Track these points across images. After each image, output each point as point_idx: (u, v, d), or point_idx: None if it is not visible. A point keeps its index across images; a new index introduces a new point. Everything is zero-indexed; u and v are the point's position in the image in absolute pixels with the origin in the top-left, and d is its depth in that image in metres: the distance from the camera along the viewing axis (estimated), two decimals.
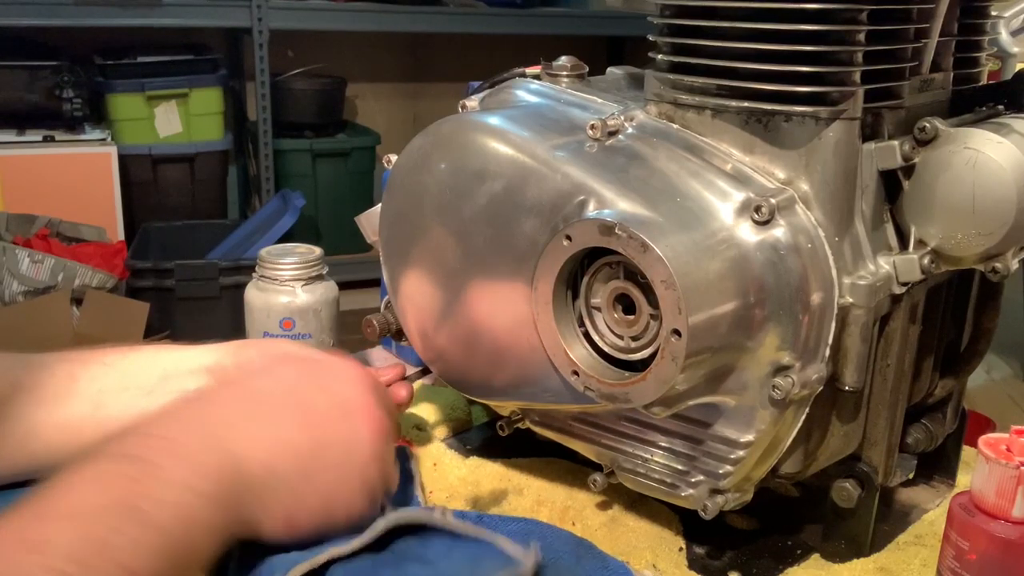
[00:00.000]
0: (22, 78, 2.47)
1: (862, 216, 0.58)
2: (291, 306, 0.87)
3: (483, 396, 0.71)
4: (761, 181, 0.57)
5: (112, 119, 2.60)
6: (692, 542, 0.67)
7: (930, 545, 0.67)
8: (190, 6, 2.55)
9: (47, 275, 2.13)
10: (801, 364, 0.56)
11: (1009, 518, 0.54)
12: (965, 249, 0.58)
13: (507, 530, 0.62)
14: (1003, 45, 1.32)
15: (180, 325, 2.15)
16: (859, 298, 0.57)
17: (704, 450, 0.60)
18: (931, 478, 0.75)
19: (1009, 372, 1.54)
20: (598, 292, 0.59)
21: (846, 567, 0.65)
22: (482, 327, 0.66)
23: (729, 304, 0.55)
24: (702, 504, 0.61)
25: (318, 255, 0.90)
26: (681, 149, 0.60)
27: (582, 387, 0.59)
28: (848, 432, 0.62)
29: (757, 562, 0.65)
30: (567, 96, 0.67)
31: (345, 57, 3.16)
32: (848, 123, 0.56)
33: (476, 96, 0.73)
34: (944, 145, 0.57)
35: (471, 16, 2.94)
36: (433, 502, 0.70)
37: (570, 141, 0.61)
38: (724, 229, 0.56)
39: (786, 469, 0.61)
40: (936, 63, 0.62)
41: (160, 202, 2.74)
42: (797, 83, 0.56)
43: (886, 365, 0.62)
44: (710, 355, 0.55)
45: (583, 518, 0.69)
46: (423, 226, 0.67)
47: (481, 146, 0.63)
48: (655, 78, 0.62)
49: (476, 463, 0.75)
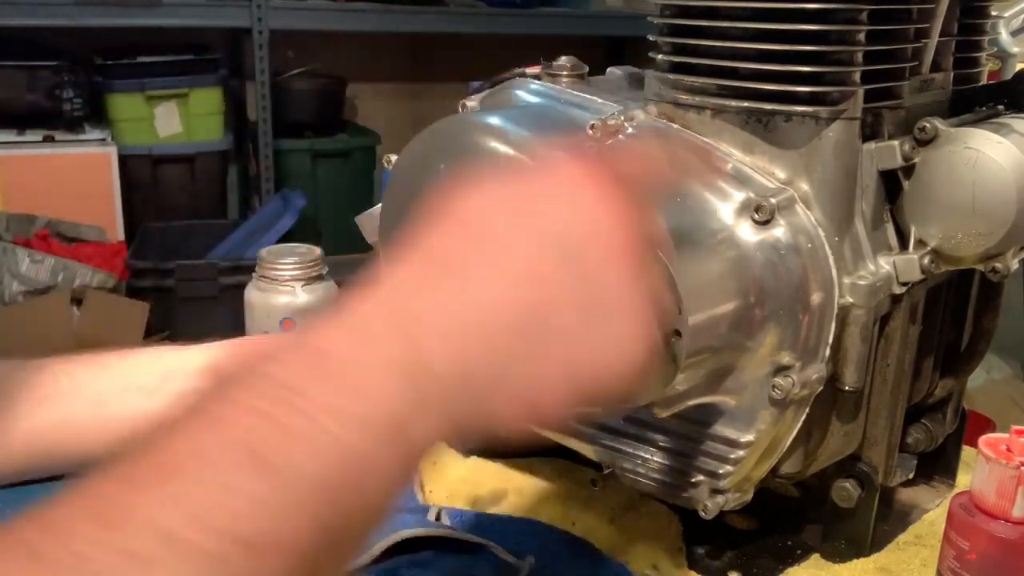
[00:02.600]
0: (22, 78, 2.47)
1: (862, 216, 0.58)
2: (291, 306, 0.87)
3: None
4: (761, 181, 0.57)
5: (112, 119, 2.60)
6: (692, 542, 0.67)
7: (930, 545, 0.67)
8: (190, 6, 2.55)
9: (47, 275, 2.13)
10: (801, 364, 0.56)
11: (1009, 518, 0.54)
12: (965, 249, 0.58)
13: (506, 530, 0.62)
14: (1003, 45, 1.32)
15: (180, 325, 2.15)
16: (859, 298, 0.57)
17: (704, 450, 0.60)
18: (931, 478, 0.75)
19: (1009, 372, 1.55)
20: None
21: (846, 567, 0.65)
22: None
23: (729, 304, 0.54)
24: (702, 504, 0.61)
25: (318, 255, 0.90)
26: (681, 149, 0.60)
27: None
28: (848, 432, 0.62)
29: (757, 562, 0.65)
30: (567, 96, 0.67)
31: (345, 57, 3.16)
32: (848, 123, 0.56)
33: (476, 96, 0.72)
34: (944, 145, 0.57)
35: (471, 16, 2.94)
36: (433, 502, 0.70)
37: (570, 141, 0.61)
38: (724, 229, 0.56)
39: (786, 469, 0.61)
40: (936, 63, 0.62)
41: (160, 202, 2.74)
42: (797, 83, 0.56)
43: (886, 365, 0.62)
44: (710, 355, 0.55)
45: (583, 518, 0.69)
46: None
47: (481, 146, 0.63)
48: (655, 78, 0.62)
49: (476, 463, 0.75)
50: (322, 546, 0.32)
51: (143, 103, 2.62)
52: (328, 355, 0.35)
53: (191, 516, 0.30)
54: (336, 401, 0.34)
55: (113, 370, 0.69)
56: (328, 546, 0.32)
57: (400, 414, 0.35)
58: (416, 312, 0.37)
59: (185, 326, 2.16)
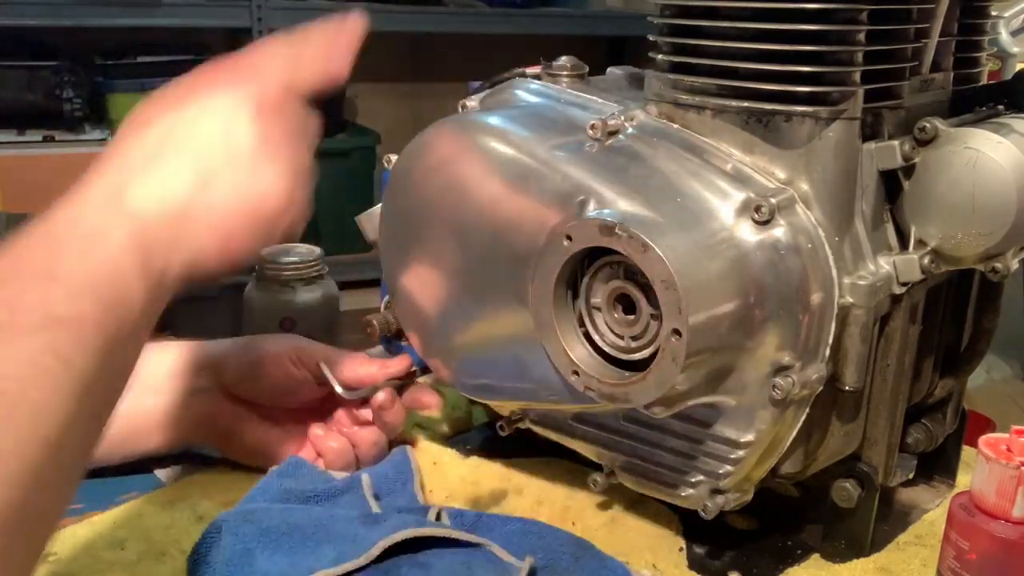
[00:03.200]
0: (22, 78, 2.47)
1: (862, 216, 0.58)
2: (291, 306, 0.87)
3: (483, 396, 0.71)
4: (761, 181, 0.57)
5: (112, 119, 2.60)
6: (692, 542, 0.67)
7: (930, 545, 0.67)
8: (190, 6, 2.55)
9: None
10: (801, 364, 0.56)
11: (1009, 518, 0.54)
12: (965, 249, 0.58)
13: (506, 530, 0.62)
14: (1003, 45, 1.32)
15: (180, 325, 2.14)
16: (859, 298, 0.57)
17: (704, 450, 0.60)
18: (931, 478, 0.75)
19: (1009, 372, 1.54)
20: (598, 292, 0.59)
21: (846, 567, 0.65)
22: (482, 327, 0.66)
23: (729, 304, 0.55)
24: (702, 504, 0.61)
25: (318, 255, 0.90)
26: (681, 149, 0.60)
27: (582, 387, 0.59)
28: (848, 432, 0.62)
29: (757, 562, 0.65)
30: (567, 96, 0.67)
31: None
32: (848, 123, 0.56)
33: (476, 96, 0.73)
34: (944, 145, 0.57)
35: (471, 16, 2.94)
36: (432, 502, 0.70)
37: (570, 141, 0.61)
38: (724, 229, 0.56)
39: (786, 469, 0.61)
40: (936, 63, 0.62)
41: None
42: (797, 83, 0.56)
43: (886, 365, 0.62)
44: (710, 355, 0.55)
45: (583, 518, 0.69)
46: (423, 226, 0.67)
47: (481, 146, 0.63)
48: (655, 78, 0.62)
49: (476, 463, 0.75)
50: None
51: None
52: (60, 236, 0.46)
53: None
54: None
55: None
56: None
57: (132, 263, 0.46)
58: (123, 185, 0.49)
59: (185, 326, 2.15)
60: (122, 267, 0.46)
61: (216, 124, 0.52)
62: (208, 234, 0.50)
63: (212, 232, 0.50)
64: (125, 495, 0.70)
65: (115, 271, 0.45)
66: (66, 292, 0.43)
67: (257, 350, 0.72)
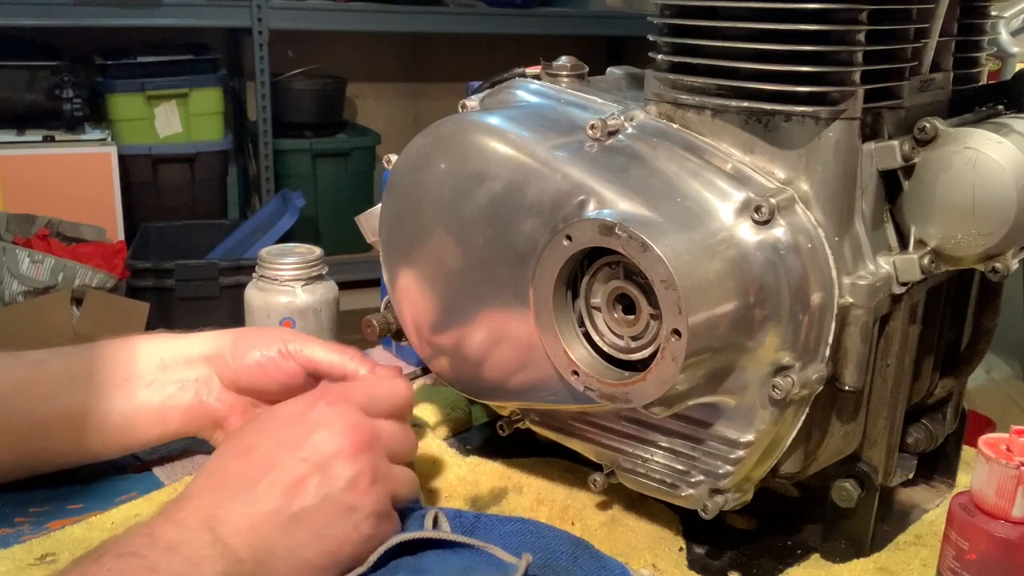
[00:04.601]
0: (22, 78, 2.47)
1: (862, 216, 0.58)
2: (291, 306, 0.87)
3: (483, 396, 0.71)
4: (761, 181, 0.57)
5: (112, 119, 2.60)
6: (692, 542, 0.67)
7: (930, 545, 0.67)
8: (190, 6, 2.56)
9: (47, 275, 2.13)
10: (801, 364, 0.56)
11: (1009, 518, 0.54)
12: (965, 249, 0.58)
13: (505, 530, 0.62)
14: (1003, 45, 1.32)
15: (180, 325, 2.14)
16: (859, 298, 0.57)
17: (704, 450, 0.60)
18: (931, 478, 0.75)
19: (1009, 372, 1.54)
20: (598, 292, 0.59)
21: (846, 567, 0.65)
22: (482, 327, 0.66)
23: (729, 304, 0.55)
24: (702, 504, 0.61)
25: (318, 255, 0.90)
26: (681, 149, 0.60)
27: (582, 387, 0.59)
28: (848, 432, 0.62)
29: (757, 562, 0.65)
30: (567, 96, 0.67)
31: (345, 57, 3.16)
32: (848, 123, 0.56)
33: (476, 96, 0.73)
34: (944, 145, 0.57)
35: (471, 16, 2.94)
36: (433, 502, 0.70)
37: (570, 141, 0.61)
38: (724, 229, 0.56)
39: (786, 469, 0.61)
40: (936, 63, 0.62)
41: (160, 202, 2.74)
42: (797, 83, 0.56)
43: (886, 365, 0.62)
44: (710, 355, 0.55)
45: (583, 518, 0.69)
46: (423, 226, 0.67)
47: (481, 146, 0.63)
48: (655, 78, 0.62)
49: (476, 462, 0.75)
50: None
51: (143, 103, 2.62)
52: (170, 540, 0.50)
53: None
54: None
55: (112, 360, 0.69)
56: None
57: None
58: (220, 515, 0.52)
59: (185, 326, 2.15)
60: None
61: (313, 463, 0.55)
62: (285, 573, 0.53)
63: (289, 572, 0.53)
64: (125, 495, 0.70)
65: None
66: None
67: (248, 342, 0.72)
